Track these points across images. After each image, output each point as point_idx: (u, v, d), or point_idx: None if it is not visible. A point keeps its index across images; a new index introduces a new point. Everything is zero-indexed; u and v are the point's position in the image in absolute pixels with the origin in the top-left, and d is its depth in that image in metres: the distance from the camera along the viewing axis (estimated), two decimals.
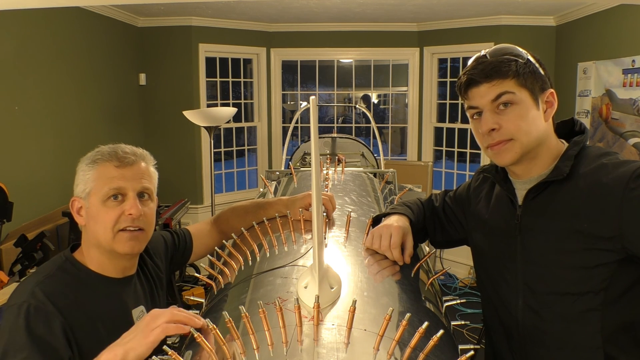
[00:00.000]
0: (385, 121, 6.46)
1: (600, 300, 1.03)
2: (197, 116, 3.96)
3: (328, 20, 4.97)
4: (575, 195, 1.05)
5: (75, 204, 1.16)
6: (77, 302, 1.09)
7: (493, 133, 1.09)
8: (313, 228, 0.86)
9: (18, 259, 2.69)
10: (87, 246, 1.17)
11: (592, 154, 1.09)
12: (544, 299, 1.09)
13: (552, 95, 1.11)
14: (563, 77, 4.55)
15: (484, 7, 4.32)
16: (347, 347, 0.76)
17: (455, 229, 1.36)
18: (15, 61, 3.17)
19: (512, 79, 1.07)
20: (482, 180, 1.30)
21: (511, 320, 1.15)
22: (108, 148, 1.17)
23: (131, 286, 1.22)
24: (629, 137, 3.64)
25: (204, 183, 5.07)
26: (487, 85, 1.07)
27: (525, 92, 1.07)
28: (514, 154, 1.09)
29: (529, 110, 1.07)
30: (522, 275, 1.12)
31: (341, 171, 1.97)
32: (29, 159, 3.28)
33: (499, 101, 1.07)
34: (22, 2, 2.22)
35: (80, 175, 1.15)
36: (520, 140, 1.07)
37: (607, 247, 1.00)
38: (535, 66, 1.09)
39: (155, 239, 1.35)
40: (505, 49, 1.10)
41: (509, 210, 1.16)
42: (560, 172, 1.06)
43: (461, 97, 1.15)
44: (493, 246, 1.20)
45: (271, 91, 5.43)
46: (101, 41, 4.23)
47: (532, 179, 1.12)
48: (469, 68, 1.11)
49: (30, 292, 1.05)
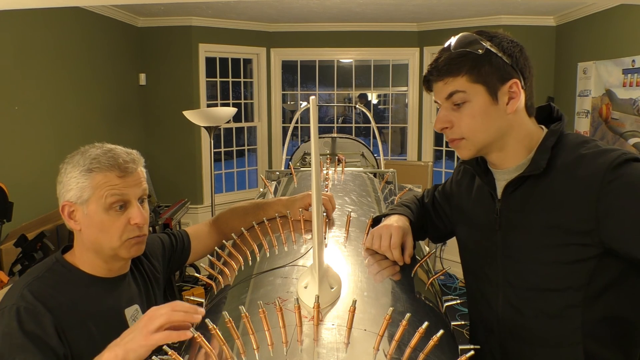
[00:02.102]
0: (385, 121, 6.46)
1: (580, 296, 1.02)
2: (197, 116, 3.96)
3: (328, 20, 4.97)
4: (553, 189, 1.03)
5: (67, 208, 1.14)
6: (66, 303, 1.09)
7: (446, 131, 1.09)
8: (313, 228, 0.86)
9: (18, 259, 2.69)
10: (81, 249, 1.17)
11: (570, 143, 1.06)
12: (523, 295, 1.08)
13: (515, 85, 1.04)
14: (563, 77, 4.55)
15: (484, 7, 4.32)
16: (347, 347, 0.76)
17: (443, 223, 1.36)
18: (15, 61, 3.17)
19: (464, 75, 1.03)
20: (463, 171, 1.28)
21: (492, 315, 1.15)
22: (104, 155, 1.13)
23: (124, 285, 1.22)
24: (629, 137, 3.64)
25: (204, 183, 5.07)
26: (441, 82, 1.06)
27: (480, 87, 1.03)
28: (468, 150, 1.09)
29: (485, 107, 1.04)
30: (503, 270, 1.11)
31: (341, 171, 1.97)
32: (29, 159, 3.28)
33: (451, 100, 1.06)
34: (22, 2, 2.22)
35: (73, 182, 1.12)
36: (471, 139, 1.07)
37: (585, 242, 0.99)
38: (497, 56, 1.03)
39: (151, 241, 1.35)
40: (463, 40, 1.05)
41: (488, 204, 1.14)
42: (537, 167, 1.04)
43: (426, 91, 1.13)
44: (475, 241, 1.19)
45: (271, 91, 5.43)
46: (101, 41, 4.23)
47: (511, 170, 1.10)
48: (431, 62, 1.09)
49: (19, 294, 1.05)
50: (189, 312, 0.94)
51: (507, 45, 1.05)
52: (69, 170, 1.13)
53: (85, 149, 1.16)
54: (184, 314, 0.93)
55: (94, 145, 1.16)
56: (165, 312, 0.93)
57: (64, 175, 1.14)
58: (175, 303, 0.96)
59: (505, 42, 1.05)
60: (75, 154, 1.15)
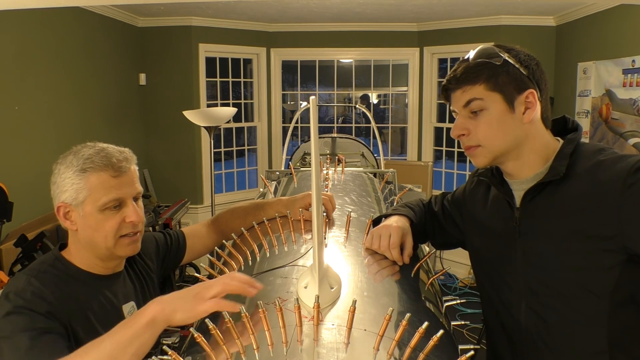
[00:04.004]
0: (385, 121, 6.46)
1: (606, 303, 1.01)
2: (197, 116, 3.96)
3: (328, 20, 4.97)
4: (573, 195, 1.03)
5: (62, 209, 1.14)
6: (69, 295, 1.10)
7: (462, 138, 1.11)
8: (313, 228, 0.86)
9: (18, 259, 2.69)
10: (78, 248, 1.18)
11: (587, 151, 1.07)
12: (547, 302, 1.07)
13: (532, 95, 1.07)
14: (563, 77, 4.55)
15: (484, 7, 4.32)
16: (347, 347, 0.76)
17: (453, 232, 1.36)
18: (15, 61, 3.17)
19: (482, 83, 1.06)
20: (477, 182, 1.29)
21: (514, 323, 1.14)
22: (97, 155, 1.12)
23: (120, 282, 1.23)
24: (629, 137, 3.64)
25: (204, 183, 5.07)
26: (460, 91, 1.09)
27: (497, 95, 1.06)
28: (484, 158, 1.11)
29: (501, 115, 1.06)
30: (524, 278, 1.11)
31: (341, 171, 1.97)
32: (29, 159, 3.28)
33: (469, 108, 1.08)
34: (22, 2, 2.22)
35: (68, 182, 1.12)
36: (487, 146, 1.09)
37: (608, 247, 0.99)
38: (514, 67, 1.06)
39: (146, 240, 1.35)
40: (482, 51, 1.09)
41: (507, 213, 1.15)
42: (557, 172, 1.05)
43: (444, 100, 1.16)
44: (492, 249, 1.19)
45: (271, 91, 5.43)
46: (101, 41, 4.23)
47: (529, 179, 1.11)
48: (450, 72, 1.13)
49: (26, 281, 1.07)
50: (247, 283, 0.94)
51: (524, 58, 1.08)
52: (63, 171, 1.13)
53: (78, 148, 1.15)
54: (240, 285, 0.93)
55: (85, 144, 1.16)
56: (221, 282, 0.93)
57: (57, 176, 1.14)
58: (233, 274, 0.97)
59: (522, 54, 1.09)
60: (68, 154, 1.15)
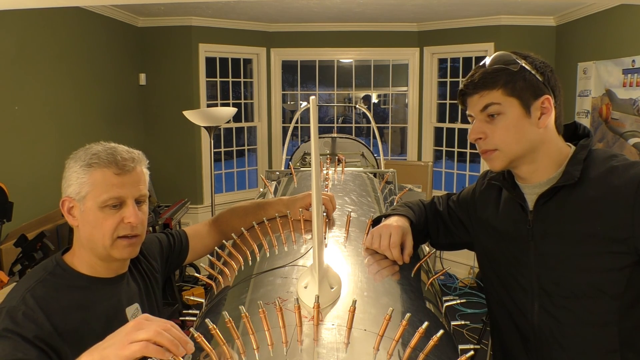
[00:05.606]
0: (385, 121, 6.46)
1: (617, 303, 1.04)
2: (197, 116, 3.96)
3: (328, 20, 4.97)
4: (587, 199, 1.06)
5: (66, 204, 1.15)
6: (69, 306, 1.09)
7: (479, 142, 1.13)
8: (313, 228, 0.86)
9: (18, 259, 2.69)
10: (79, 247, 1.17)
11: (600, 157, 1.10)
12: (560, 303, 1.10)
13: (547, 101, 1.10)
14: (563, 77, 4.54)
15: (484, 7, 4.32)
16: (347, 347, 0.76)
17: (460, 233, 1.37)
18: (15, 61, 3.17)
19: (500, 89, 1.09)
20: (488, 186, 1.30)
21: (527, 324, 1.15)
22: (104, 151, 1.14)
23: (123, 284, 1.22)
24: (629, 137, 3.64)
25: (204, 183, 5.07)
26: (477, 95, 1.12)
27: (514, 100, 1.09)
28: (501, 162, 1.13)
29: (518, 120, 1.09)
30: (538, 280, 1.12)
31: (341, 171, 1.97)
32: (29, 159, 3.28)
33: (486, 112, 1.11)
34: (22, 2, 2.22)
35: (74, 177, 1.13)
36: (504, 150, 1.11)
37: (621, 250, 1.02)
38: (531, 73, 1.09)
39: (149, 241, 1.35)
40: (500, 58, 1.12)
41: (519, 216, 1.16)
42: (571, 177, 1.08)
43: (460, 104, 1.18)
44: (504, 252, 1.20)
45: (271, 91, 5.43)
46: (101, 41, 4.23)
47: (542, 183, 1.13)
48: (467, 77, 1.16)
49: (21, 298, 1.05)
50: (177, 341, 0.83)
51: (539, 64, 1.12)
52: (71, 165, 1.15)
53: (90, 145, 1.18)
54: (171, 341, 0.82)
55: (99, 142, 1.18)
56: (154, 328, 0.83)
57: (67, 170, 1.16)
58: (169, 325, 0.85)
59: (537, 61, 1.12)
60: (80, 150, 1.17)
